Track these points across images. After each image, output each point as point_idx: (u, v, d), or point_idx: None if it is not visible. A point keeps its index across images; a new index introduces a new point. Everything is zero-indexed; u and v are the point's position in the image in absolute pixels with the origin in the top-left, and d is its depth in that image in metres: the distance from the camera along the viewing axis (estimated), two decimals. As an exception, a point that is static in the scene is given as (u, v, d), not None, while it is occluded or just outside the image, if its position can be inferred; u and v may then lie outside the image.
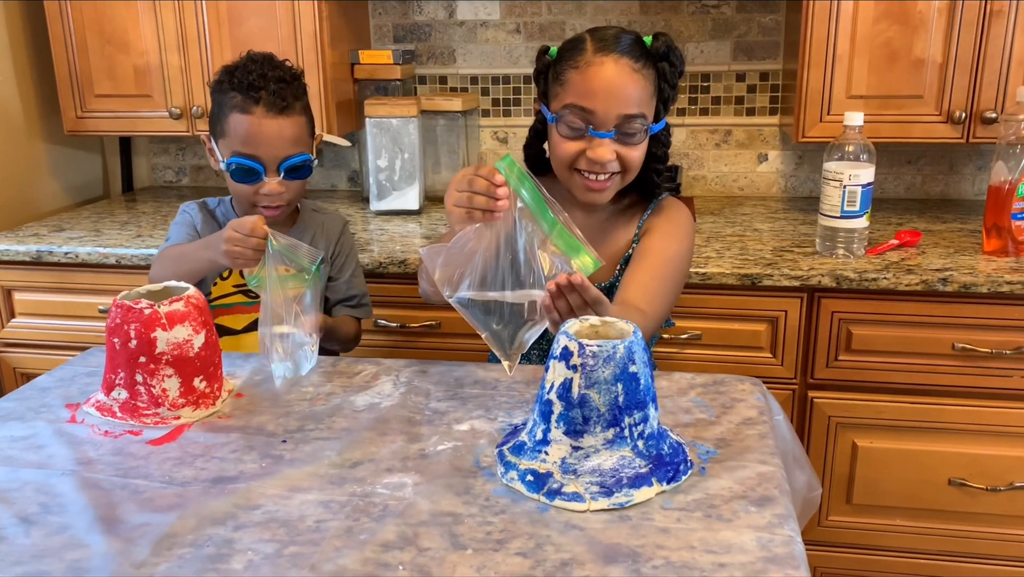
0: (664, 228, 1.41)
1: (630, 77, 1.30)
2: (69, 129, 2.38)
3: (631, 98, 1.30)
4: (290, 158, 1.52)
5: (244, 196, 1.55)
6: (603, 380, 0.97)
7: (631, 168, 1.36)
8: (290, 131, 1.51)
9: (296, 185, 1.56)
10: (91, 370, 1.38)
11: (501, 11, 2.44)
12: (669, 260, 1.38)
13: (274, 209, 1.55)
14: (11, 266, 2.12)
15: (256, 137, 1.49)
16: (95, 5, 2.25)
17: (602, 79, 1.29)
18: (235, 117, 1.49)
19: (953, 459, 1.85)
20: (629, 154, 1.33)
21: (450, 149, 2.43)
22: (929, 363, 1.81)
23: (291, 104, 1.51)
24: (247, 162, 1.50)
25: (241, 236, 1.28)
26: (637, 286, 1.33)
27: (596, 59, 1.30)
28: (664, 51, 1.33)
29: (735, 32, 2.36)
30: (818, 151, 2.37)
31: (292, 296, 1.27)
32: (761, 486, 1.01)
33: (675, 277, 1.39)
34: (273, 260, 1.27)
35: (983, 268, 1.77)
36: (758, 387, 1.28)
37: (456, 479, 1.04)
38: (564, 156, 1.34)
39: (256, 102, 1.48)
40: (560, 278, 1.08)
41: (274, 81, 1.49)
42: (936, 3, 1.92)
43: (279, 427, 1.18)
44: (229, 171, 1.52)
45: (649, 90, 1.33)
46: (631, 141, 1.33)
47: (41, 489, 1.03)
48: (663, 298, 1.35)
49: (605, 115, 1.30)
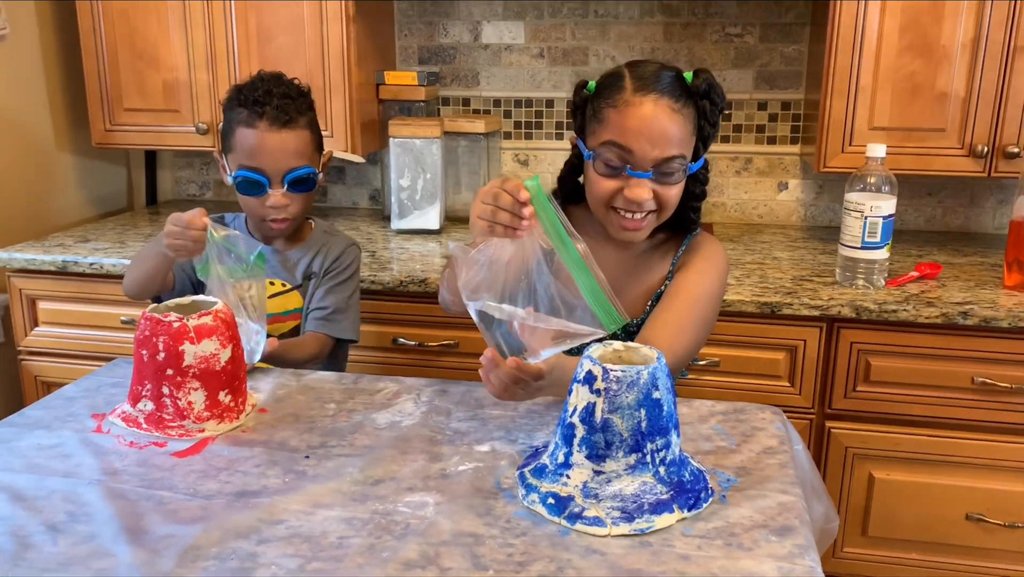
0: (698, 266, 1.38)
1: (669, 118, 1.27)
2: (97, 142, 2.42)
3: (670, 139, 1.27)
4: (293, 171, 1.55)
5: (252, 209, 1.59)
6: (626, 405, 0.98)
7: (667, 207, 1.34)
8: (293, 144, 1.55)
9: (301, 199, 1.59)
10: (116, 381, 1.40)
11: (526, 35, 2.47)
12: (699, 298, 1.35)
13: (280, 222, 1.58)
14: (36, 275, 2.14)
15: (260, 150, 1.53)
16: (128, 21, 2.29)
17: (641, 120, 1.26)
18: (241, 131, 1.54)
19: (971, 494, 1.84)
20: (666, 193, 1.31)
21: (471, 170, 2.45)
22: (948, 396, 1.81)
23: (294, 118, 1.55)
24: (252, 175, 1.54)
25: (179, 229, 1.35)
26: (663, 324, 1.31)
27: (635, 99, 1.27)
28: (705, 89, 1.30)
29: (758, 61, 2.37)
30: (838, 181, 2.38)
31: (235, 285, 1.33)
32: (782, 516, 1.01)
33: (704, 316, 1.35)
34: (215, 252, 1.34)
35: (1004, 302, 1.77)
36: (778, 416, 1.28)
37: (477, 500, 1.04)
38: (600, 194, 1.32)
39: (260, 116, 1.53)
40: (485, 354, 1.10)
41: (278, 97, 1.54)
42: (960, 38, 1.93)
43: (302, 442, 1.19)
44: (235, 184, 1.56)
45: (688, 129, 1.30)
46: (669, 181, 1.30)
47: (68, 498, 1.04)
48: (690, 337, 1.32)
49: (643, 156, 1.27)
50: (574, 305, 1.09)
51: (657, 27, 2.39)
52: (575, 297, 1.10)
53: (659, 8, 2.38)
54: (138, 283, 1.55)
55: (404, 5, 2.51)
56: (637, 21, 2.40)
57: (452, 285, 1.31)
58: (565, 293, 1.08)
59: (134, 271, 1.56)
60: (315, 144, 1.62)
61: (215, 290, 1.34)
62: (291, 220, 1.60)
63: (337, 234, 1.74)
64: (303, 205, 1.60)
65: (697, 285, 1.36)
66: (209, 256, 1.35)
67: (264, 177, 1.54)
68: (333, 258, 1.67)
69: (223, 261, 1.34)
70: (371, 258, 2.09)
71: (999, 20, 1.90)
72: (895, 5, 1.94)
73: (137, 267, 1.55)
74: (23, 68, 2.37)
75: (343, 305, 1.66)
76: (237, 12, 2.23)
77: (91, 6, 2.30)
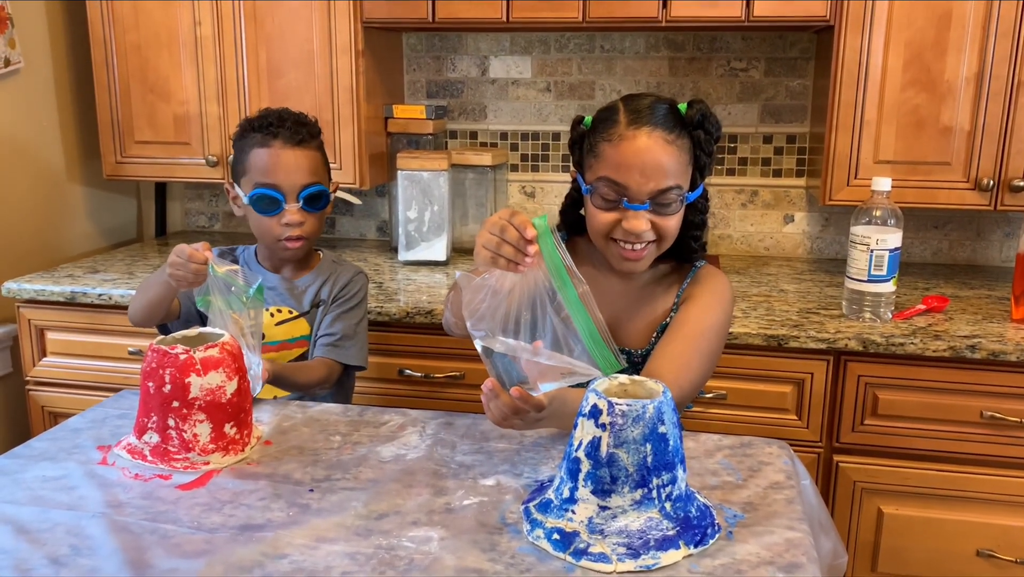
0: (704, 299, 1.38)
1: (663, 150, 1.28)
2: (108, 174, 2.44)
3: (665, 171, 1.28)
4: (309, 187, 1.59)
5: (267, 230, 1.61)
6: (632, 440, 0.98)
7: (667, 237, 1.34)
8: (307, 162, 1.60)
9: (315, 219, 1.62)
10: (123, 412, 1.40)
11: (532, 70, 2.49)
12: (704, 332, 1.34)
13: (295, 241, 1.61)
14: (45, 306, 2.16)
15: (275, 166, 1.57)
16: (140, 55, 2.33)
17: (635, 153, 1.27)
18: (255, 152, 1.58)
19: (981, 529, 1.82)
20: (664, 224, 1.32)
21: (478, 202, 2.47)
22: (957, 431, 1.80)
23: (307, 139, 1.61)
24: (268, 192, 1.57)
25: (181, 260, 1.38)
26: (669, 358, 1.31)
27: (629, 132, 1.28)
28: (699, 119, 1.31)
29: (763, 95, 2.39)
30: (844, 213, 2.39)
31: (234, 318, 1.35)
32: (789, 552, 1.00)
33: (710, 349, 1.35)
34: (215, 285, 1.36)
35: (1012, 336, 1.76)
36: (785, 451, 1.27)
37: (482, 535, 1.04)
38: (600, 226, 1.33)
39: (275, 136, 1.58)
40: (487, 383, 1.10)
41: (291, 120, 1.61)
42: (964, 73, 1.94)
43: (306, 475, 1.19)
44: (252, 203, 1.58)
45: (684, 159, 1.31)
46: (666, 212, 1.31)
47: (72, 531, 1.04)
48: (695, 371, 1.32)
49: (639, 189, 1.28)
50: (573, 346, 1.09)
51: (662, 62, 2.42)
52: (574, 338, 1.10)
53: (664, 43, 2.41)
54: (142, 310, 1.57)
55: (413, 40, 2.54)
56: (643, 56, 2.42)
57: (457, 309, 1.31)
58: (566, 332, 1.08)
59: (139, 299, 1.58)
60: (326, 168, 1.67)
61: (215, 321, 1.36)
62: (305, 240, 1.63)
63: (345, 263, 1.76)
64: (316, 225, 1.64)
65: (703, 318, 1.35)
66: (210, 288, 1.37)
67: (280, 193, 1.58)
68: (341, 285, 1.69)
69: (223, 294, 1.36)
70: (378, 289, 2.10)
71: (1002, 55, 1.92)
72: (899, 40, 1.96)
73: (142, 295, 1.57)
74: (36, 100, 2.40)
75: (351, 332, 1.67)
76: (248, 47, 2.26)
77: (104, 40, 2.33)
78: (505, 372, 1.14)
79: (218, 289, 1.36)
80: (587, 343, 1.07)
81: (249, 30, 2.25)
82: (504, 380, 1.13)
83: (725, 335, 1.41)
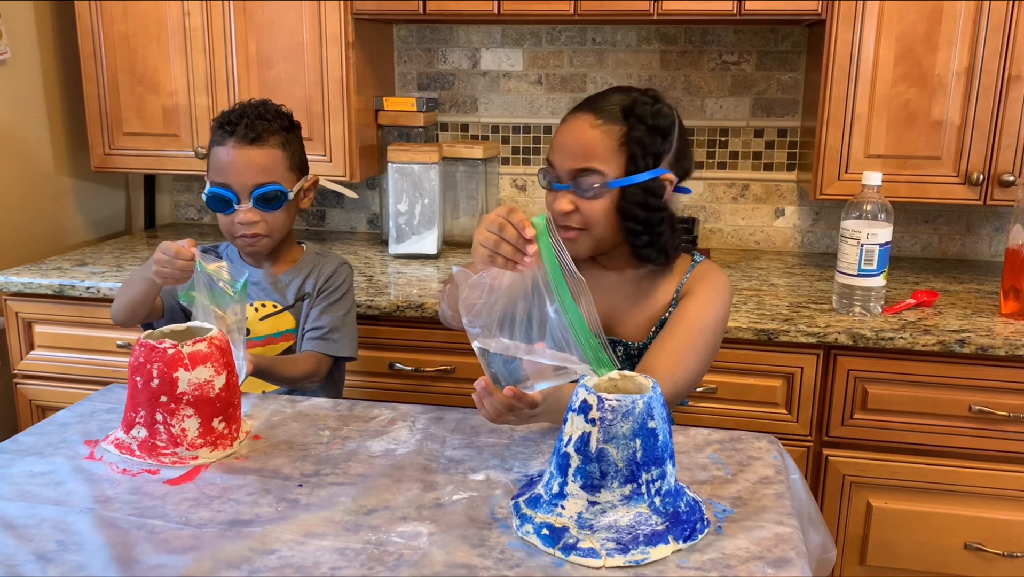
0: (703, 295, 1.38)
1: (586, 132, 1.31)
2: (96, 166, 2.42)
3: (585, 152, 1.31)
4: (260, 187, 1.57)
5: (225, 228, 1.61)
6: (621, 435, 0.98)
7: (592, 224, 1.33)
8: (260, 160, 1.57)
9: (273, 218, 1.60)
10: (111, 407, 1.39)
11: (524, 62, 2.48)
12: (702, 328, 1.34)
13: (251, 238, 1.59)
14: (33, 299, 2.14)
15: (227, 166, 1.56)
16: (128, 46, 2.31)
17: (562, 134, 1.34)
18: (214, 150, 1.59)
19: (969, 523, 1.83)
20: (587, 207, 1.33)
21: (469, 195, 2.46)
22: (945, 424, 1.80)
23: (263, 136, 1.57)
24: (219, 191, 1.57)
25: (168, 258, 1.38)
26: (665, 353, 1.31)
27: (569, 117, 1.35)
28: (629, 105, 1.32)
29: (754, 89, 2.39)
30: (835, 208, 2.39)
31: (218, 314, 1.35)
32: (778, 547, 1.00)
33: (707, 346, 1.35)
34: (201, 281, 1.36)
35: (1000, 330, 1.77)
36: (775, 445, 1.28)
37: (471, 530, 1.04)
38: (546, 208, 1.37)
39: (231, 134, 1.57)
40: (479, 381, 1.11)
41: (250, 117, 1.58)
42: (955, 67, 1.94)
43: (295, 470, 1.18)
44: (208, 201, 1.59)
45: (610, 145, 1.31)
46: (585, 195, 1.32)
47: (58, 526, 1.03)
48: (691, 367, 1.32)
49: (560, 169, 1.34)
50: (569, 345, 1.09)
51: (654, 55, 2.41)
52: (570, 337, 1.10)
53: (656, 36, 2.40)
54: (125, 308, 1.57)
55: (403, 32, 2.53)
56: (635, 49, 2.41)
57: (453, 302, 1.31)
58: (563, 332, 1.08)
59: (122, 297, 1.58)
60: (289, 164, 1.62)
61: (199, 317, 1.35)
62: (264, 237, 1.60)
63: (328, 255, 1.75)
64: (276, 224, 1.61)
65: (700, 315, 1.35)
66: (196, 284, 1.37)
67: (231, 193, 1.57)
68: (325, 277, 1.68)
69: (208, 290, 1.36)
70: (368, 282, 2.09)
71: (993, 49, 1.92)
72: (890, 34, 1.96)
73: (125, 293, 1.57)
74: (24, 92, 2.38)
75: (339, 324, 1.66)
76: (237, 38, 2.24)
77: (92, 30, 2.31)
78: (500, 369, 1.14)
79: (203, 285, 1.36)
80: (582, 344, 1.07)
81: (239, 21, 2.23)
82: (499, 377, 1.13)
83: (722, 332, 1.41)
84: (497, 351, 1.13)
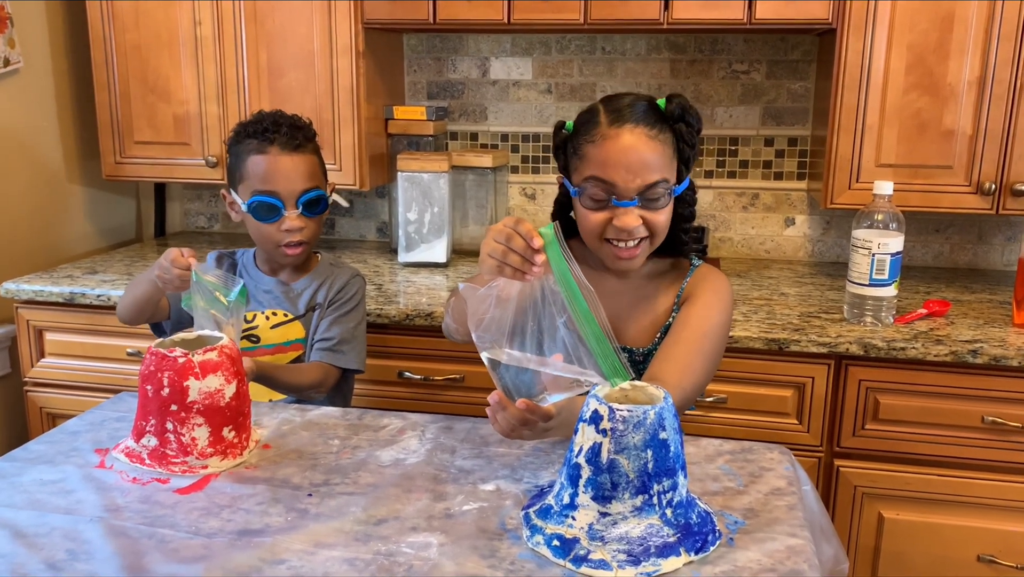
0: (705, 299, 1.38)
1: (647, 145, 1.29)
2: (108, 174, 2.44)
3: (650, 165, 1.30)
4: (307, 192, 1.59)
5: (267, 236, 1.60)
6: (633, 446, 0.97)
7: (658, 232, 1.35)
8: (304, 167, 1.59)
9: (314, 223, 1.62)
10: (121, 415, 1.39)
11: (533, 71, 2.49)
12: (707, 333, 1.34)
13: (295, 247, 1.60)
14: (44, 307, 2.15)
15: (274, 173, 1.57)
16: (140, 55, 2.32)
17: (620, 151, 1.29)
18: (253, 159, 1.58)
19: (982, 535, 1.81)
20: (655, 218, 1.32)
21: (479, 204, 2.46)
22: (958, 435, 1.79)
23: (303, 144, 1.60)
24: (267, 199, 1.57)
25: (167, 265, 1.43)
26: (671, 360, 1.30)
27: (611, 132, 1.29)
28: (679, 112, 1.32)
29: (764, 97, 2.38)
30: (846, 216, 2.38)
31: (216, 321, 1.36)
32: (790, 560, 0.99)
33: (712, 350, 1.35)
34: (198, 289, 1.38)
35: (1013, 341, 1.75)
36: (787, 456, 1.27)
37: (481, 541, 1.03)
38: (591, 227, 1.34)
39: (271, 142, 1.57)
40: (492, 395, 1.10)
41: (287, 125, 1.60)
42: (966, 76, 1.94)
43: (305, 480, 1.18)
44: (251, 211, 1.58)
45: (668, 153, 1.32)
46: (655, 206, 1.32)
47: (69, 535, 1.03)
48: (698, 373, 1.32)
49: (626, 186, 1.29)
50: (581, 356, 1.09)
51: (664, 64, 2.41)
52: (583, 348, 1.09)
53: (666, 45, 2.40)
54: (130, 308, 1.61)
55: (413, 41, 2.54)
56: (644, 57, 2.42)
57: (458, 315, 1.31)
58: (575, 342, 1.07)
59: (127, 297, 1.62)
60: (323, 170, 1.66)
61: (200, 323, 1.37)
62: (305, 245, 1.62)
63: (342, 266, 1.75)
64: (316, 229, 1.63)
65: (704, 319, 1.35)
66: (193, 292, 1.38)
67: (279, 200, 1.57)
68: (337, 289, 1.68)
69: (206, 297, 1.37)
70: (377, 291, 2.09)
71: (1005, 59, 1.91)
72: (901, 43, 1.95)
73: (131, 292, 1.61)
74: (36, 100, 2.39)
75: (348, 336, 1.66)
76: (248, 47, 2.25)
77: (104, 39, 2.33)
78: (512, 383, 1.13)
79: (201, 293, 1.37)
80: (596, 353, 1.06)
81: (249, 30, 2.24)
82: (511, 391, 1.12)
83: (727, 335, 1.41)
84: (509, 363, 1.12)
